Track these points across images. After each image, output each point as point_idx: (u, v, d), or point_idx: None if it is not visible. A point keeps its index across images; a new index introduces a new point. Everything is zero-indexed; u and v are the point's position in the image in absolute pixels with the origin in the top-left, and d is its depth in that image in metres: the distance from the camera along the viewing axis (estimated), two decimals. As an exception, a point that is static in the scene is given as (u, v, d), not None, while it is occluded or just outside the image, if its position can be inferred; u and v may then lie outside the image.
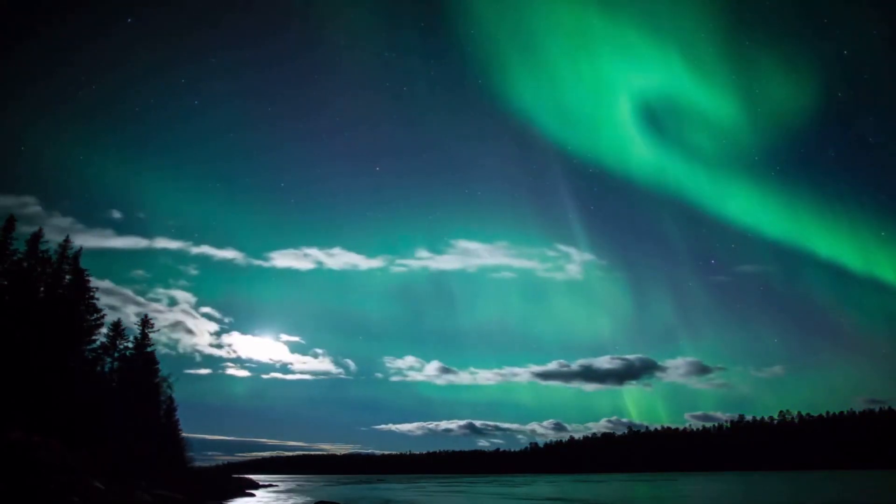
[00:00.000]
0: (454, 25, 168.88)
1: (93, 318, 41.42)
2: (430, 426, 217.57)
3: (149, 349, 50.71)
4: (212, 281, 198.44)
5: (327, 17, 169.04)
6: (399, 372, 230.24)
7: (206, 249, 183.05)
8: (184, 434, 71.34)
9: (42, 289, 37.47)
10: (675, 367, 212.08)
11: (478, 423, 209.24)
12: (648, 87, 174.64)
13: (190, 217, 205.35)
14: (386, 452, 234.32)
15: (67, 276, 39.56)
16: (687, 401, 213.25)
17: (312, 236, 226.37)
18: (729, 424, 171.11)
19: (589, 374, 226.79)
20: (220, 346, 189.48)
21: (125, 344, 47.37)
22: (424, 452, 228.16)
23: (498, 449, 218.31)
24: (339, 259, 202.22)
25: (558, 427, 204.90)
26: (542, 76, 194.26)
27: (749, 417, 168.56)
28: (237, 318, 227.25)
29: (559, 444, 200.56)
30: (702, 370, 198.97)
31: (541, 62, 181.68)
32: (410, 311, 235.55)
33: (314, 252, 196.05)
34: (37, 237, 37.19)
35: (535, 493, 53.10)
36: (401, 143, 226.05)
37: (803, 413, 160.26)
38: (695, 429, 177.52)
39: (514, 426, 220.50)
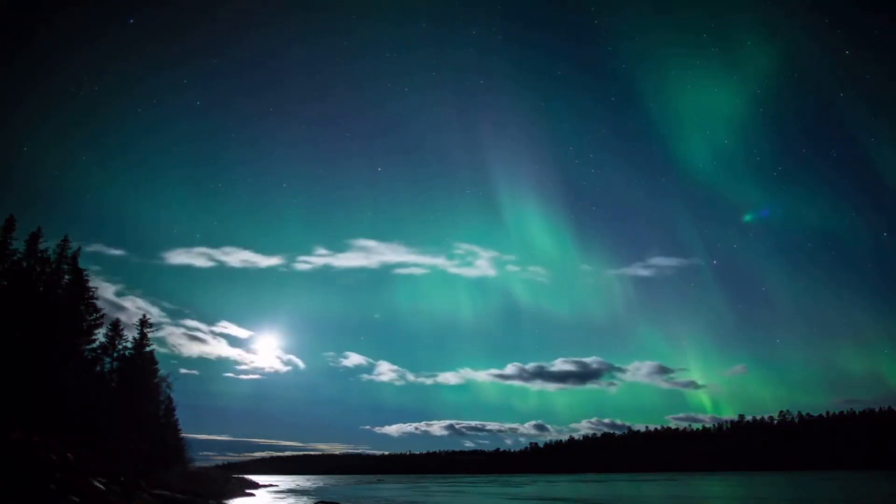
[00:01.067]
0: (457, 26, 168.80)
1: (92, 317, 41.34)
2: (406, 428, 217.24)
3: (148, 349, 50.62)
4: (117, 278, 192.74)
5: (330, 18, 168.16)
6: (350, 371, 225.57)
7: (97, 248, 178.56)
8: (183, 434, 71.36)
9: (41, 289, 37.36)
10: (636, 369, 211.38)
11: (456, 423, 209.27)
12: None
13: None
14: (385, 453, 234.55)
15: (66, 276, 39.47)
16: (659, 401, 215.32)
17: (206, 235, 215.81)
18: (729, 424, 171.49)
19: (548, 376, 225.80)
20: (160, 343, 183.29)
21: (124, 344, 47.30)
22: (424, 452, 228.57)
23: (498, 449, 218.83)
24: (235, 256, 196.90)
25: (540, 428, 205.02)
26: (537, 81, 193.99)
27: (749, 417, 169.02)
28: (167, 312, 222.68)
29: (559, 444, 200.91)
30: (662, 371, 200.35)
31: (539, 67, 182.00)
32: (334, 308, 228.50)
33: (208, 251, 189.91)
34: (35, 237, 37.06)
35: (535, 493, 53.06)
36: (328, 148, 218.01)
37: (803, 413, 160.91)
38: (695, 429, 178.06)
39: (495, 427, 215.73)
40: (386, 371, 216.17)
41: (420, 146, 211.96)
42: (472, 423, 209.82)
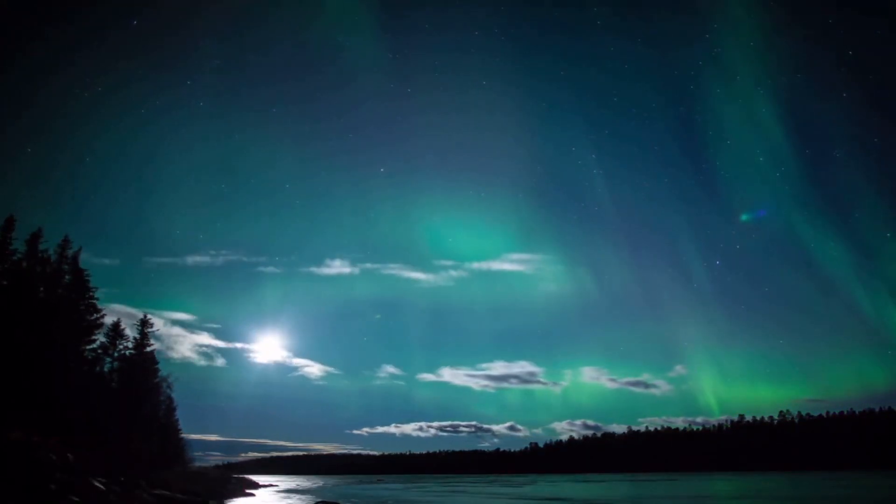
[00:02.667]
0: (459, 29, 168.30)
1: (92, 317, 41.39)
2: (376, 431, 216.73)
3: (148, 349, 50.64)
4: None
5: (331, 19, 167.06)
6: (273, 368, 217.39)
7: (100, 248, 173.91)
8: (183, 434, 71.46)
9: (42, 289, 37.39)
10: (575, 370, 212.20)
11: (425, 425, 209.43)
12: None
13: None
14: (385, 453, 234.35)
15: (67, 276, 39.50)
16: (615, 402, 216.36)
17: (209, 236, 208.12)
18: (729, 424, 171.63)
19: (486, 378, 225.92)
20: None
21: (125, 344, 47.38)
22: (424, 452, 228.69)
23: (498, 449, 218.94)
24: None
25: (512, 429, 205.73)
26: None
27: (749, 418, 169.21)
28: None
29: (559, 443, 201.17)
30: (598, 372, 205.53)
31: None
32: (218, 302, 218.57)
33: (212, 250, 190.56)
34: (36, 237, 37.06)
35: (535, 493, 53.07)
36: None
37: (803, 413, 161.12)
38: (694, 429, 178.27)
39: (467, 428, 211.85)
40: (314, 370, 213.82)
41: (420, 147, 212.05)
42: (444, 424, 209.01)
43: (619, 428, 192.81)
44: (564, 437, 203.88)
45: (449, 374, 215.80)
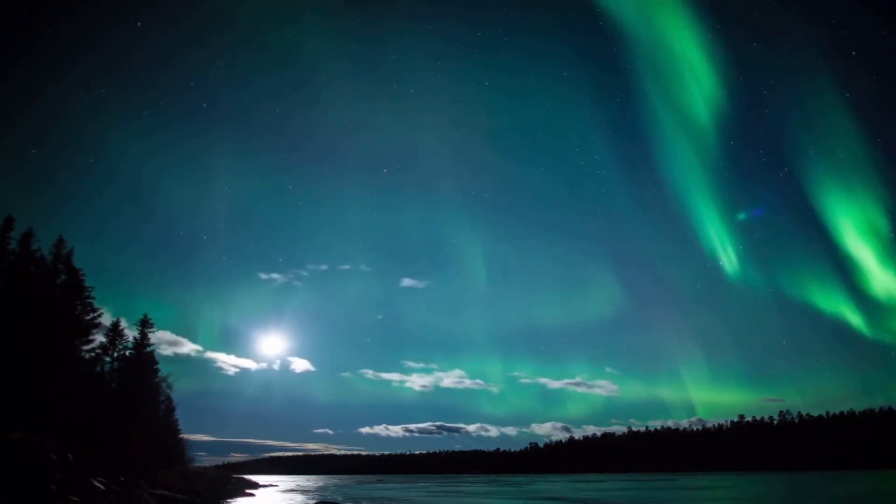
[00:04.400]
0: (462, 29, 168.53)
1: (89, 317, 41.32)
2: (347, 432, 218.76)
3: (148, 349, 50.59)
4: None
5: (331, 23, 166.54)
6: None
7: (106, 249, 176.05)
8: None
9: (37, 288, 37.28)
10: (508, 375, 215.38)
11: (388, 426, 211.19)
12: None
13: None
14: (385, 453, 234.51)
15: (62, 276, 39.40)
16: (570, 403, 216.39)
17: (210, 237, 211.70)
18: (729, 424, 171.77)
19: (427, 380, 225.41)
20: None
21: (124, 344, 47.33)
22: (424, 453, 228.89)
23: (498, 449, 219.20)
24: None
25: (483, 429, 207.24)
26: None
27: (749, 418, 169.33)
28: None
29: (559, 444, 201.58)
30: (529, 375, 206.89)
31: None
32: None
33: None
34: (28, 236, 36.85)
35: (535, 493, 53.01)
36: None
37: (803, 413, 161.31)
38: (695, 429, 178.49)
39: (435, 429, 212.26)
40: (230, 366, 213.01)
41: (423, 148, 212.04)
42: (409, 426, 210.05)
43: (591, 430, 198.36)
44: (549, 439, 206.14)
45: (373, 376, 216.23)
